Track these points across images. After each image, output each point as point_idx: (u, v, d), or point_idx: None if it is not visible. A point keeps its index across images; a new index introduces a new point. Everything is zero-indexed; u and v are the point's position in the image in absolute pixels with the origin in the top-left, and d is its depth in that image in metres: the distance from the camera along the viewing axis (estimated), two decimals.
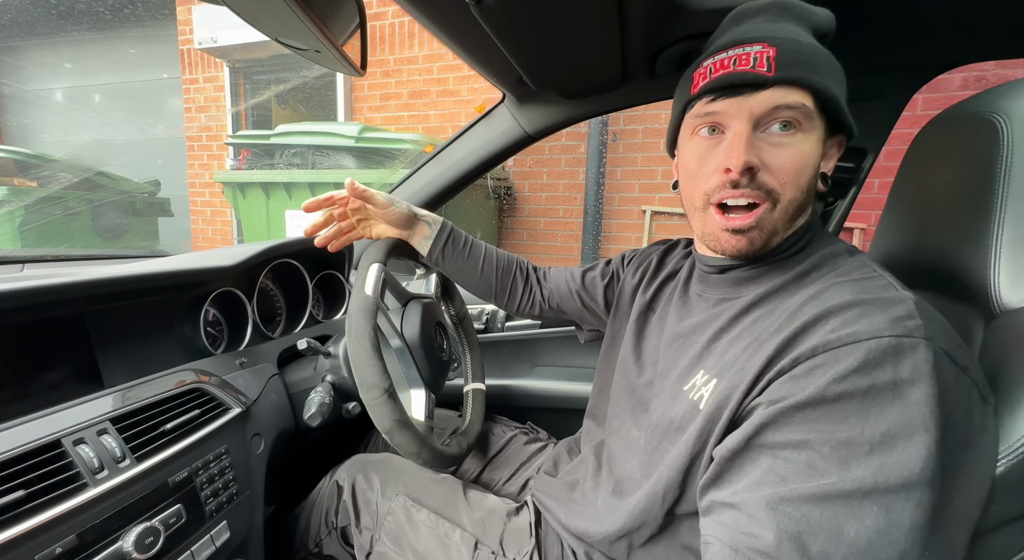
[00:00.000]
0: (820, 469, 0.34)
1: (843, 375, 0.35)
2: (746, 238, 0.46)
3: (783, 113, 0.42)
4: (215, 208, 4.27)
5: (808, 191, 0.45)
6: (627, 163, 3.00)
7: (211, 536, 0.57)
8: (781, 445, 0.36)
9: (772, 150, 0.43)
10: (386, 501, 0.70)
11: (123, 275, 0.61)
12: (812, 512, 0.33)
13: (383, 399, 0.56)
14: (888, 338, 0.35)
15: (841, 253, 0.46)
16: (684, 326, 0.55)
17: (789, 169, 0.43)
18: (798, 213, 0.46)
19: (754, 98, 0.43)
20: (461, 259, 0.77)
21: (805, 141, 0.43)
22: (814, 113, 0.43)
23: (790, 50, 0.42)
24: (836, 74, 0.44)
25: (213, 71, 4.06)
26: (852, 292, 0.40)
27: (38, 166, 3.23)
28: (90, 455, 0.48)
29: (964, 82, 2.25)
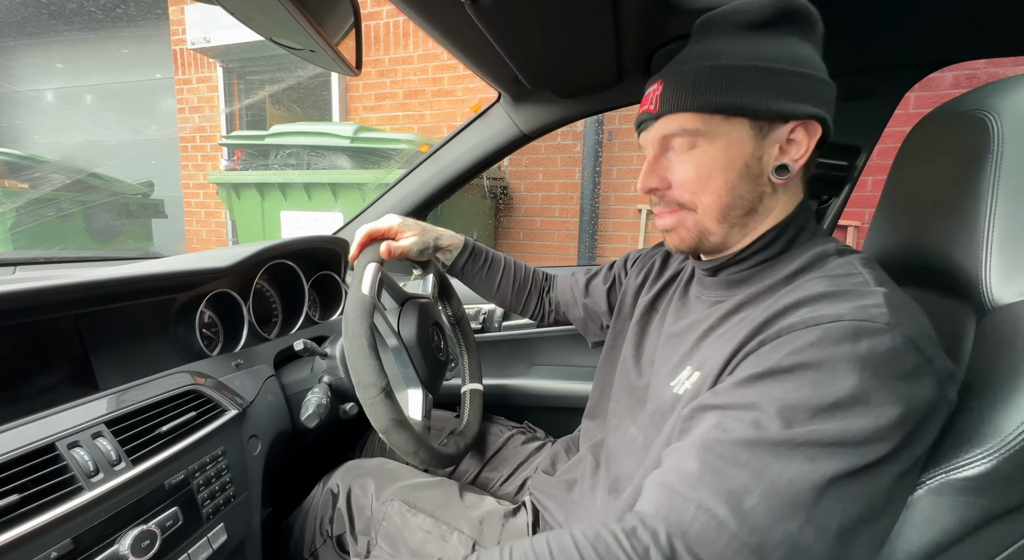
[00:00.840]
0: (762, 425, 0.36)
1: (800, 349, 0.37)
2: (676, 236, 0.53)
3: (672, 140, 0.50)
4: (209, 209, 4.24)
5: (732, 192, 0.48)
6: (623, 162, 3.00)
7: (208, 538, 0.57)
8: (732, 405, 0.39)
9: (676, 168, 0.50)
10: (381, 506, 0.70)
11: (117, 277, 0.61)
12: (742, 454, 0.36)
13: (380, 398, 0.56)
14: (849, 321, 0.37)
15: (830, 254, 0.47)
16: (679, 326, 0.57)
17: (693, 180, 0.49)
18: (730, 212, 0.49)
19: (651, 131, 0.51)
20: (480, 276, 0.83)
21: (706, 153, 0.48)
22: (705, 128, 0.47)
23: (671, 85, 0.49)
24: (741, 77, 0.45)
25: (207, 71, 4.04)
26: (826, 286, 0.42)
27: (29, 167, 3.20)
28: (85, 458, 0.48)
29: (955, 80, 2.27)
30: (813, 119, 0.46)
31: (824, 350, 0.36)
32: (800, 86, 0.46)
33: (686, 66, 0.48)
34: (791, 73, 0.45)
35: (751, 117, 0.46)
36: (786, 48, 0.46)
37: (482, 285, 0.84)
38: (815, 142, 0.47)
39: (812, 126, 0.47)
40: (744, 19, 0.47)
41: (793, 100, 0.45)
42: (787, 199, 0.50)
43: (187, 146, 4.22)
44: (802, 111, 0.46)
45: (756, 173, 0.48)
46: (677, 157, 0.50)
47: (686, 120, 0.48)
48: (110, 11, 4.52)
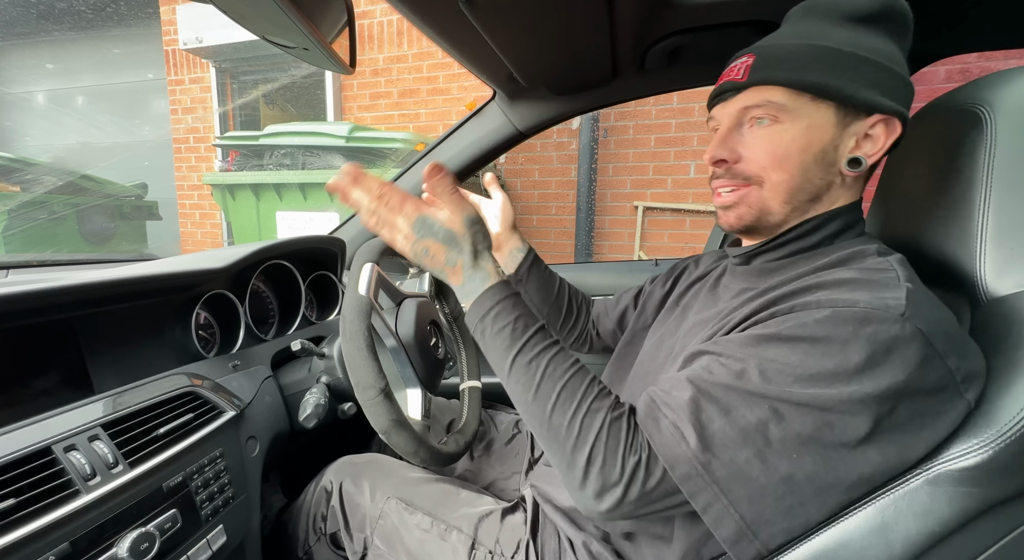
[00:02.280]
0: (745, 376, 0.39)
1: (804, 323, 0.39)
2: (734, 214, 0.51)
3: (753, 111, 0.48)
4: (204, 211, 4.21)
5: (803, 174, 0.47)
6: (619, 159, 3.01)
7: (207, 540, 0.57)
8: (725, 355, 0.42)
9: (750, 142, 0.49)
10: (376, 505, 0.70)
11: (111, 279, 0.60)
12: (717, 391, 0.40)
13: (379, 399, 0.56)
14: (862, 308, 0.37)
15: (871, 253, 0.46)
16: (704, 315, 0.56)
17: (766, 155, 0.48)
18: (798, 194, 0.48)
19: (733, 101, 0.50)
20: (543, 278, 0.83)
21: (786, 130, 0.47)
22: (791, 105, 0.46)
23: (765, 56, 0.48)
24: (835, 60, 0.45)
25: (199, 72, 4.01)
26: (852, 273, 0.42)
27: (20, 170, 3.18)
28: (82, 461, 0.47)
29: (948, 75, 2.28)
30: (897, 116, 0.46)
31: (827, 328, 0.38)
32: (891, 82, 0.45)
33: (785, 42, 0.48)
34: (886, 67, 0.45)
35: (839, 102, 0.45)
36: (883, 44, 0.46)
37: (542, 293, 0.82)
38: (892, 140, 0.46)
39: (893, 123, 0.46)
40: (848, 9, 0.47)
41: (883, 93, 0.45)
42: (849, 193, 0.49)
43: (180, 147, 4.19)
44: (890, 106, 0.45)
45: (831, 161, 0.47)
46: (754, 131, 0.49)
47: (774, 93, 0.47)
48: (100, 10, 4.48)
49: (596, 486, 0.41)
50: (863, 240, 0.49)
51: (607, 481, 0.41)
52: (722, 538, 0.39)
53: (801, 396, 0.37)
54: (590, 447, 0.42)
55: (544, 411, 0.45)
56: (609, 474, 0.41)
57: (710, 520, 0.39)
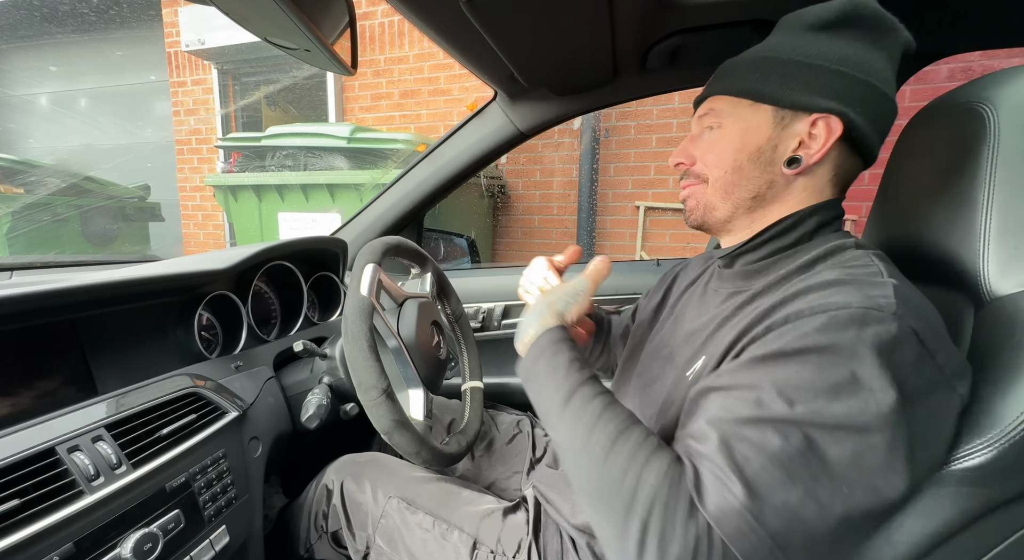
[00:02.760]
0: (764, 404, 0.37)
1: (805, 334, 0.38)
2: (686, 208, 0.57)
3: (705, 119, 0.54)
4: (206, 212, 4.23)
5: (737, 171, 0.51)
6: (620, 159, 3.00)
7: (210, 541, 0.57)
8: (736, 386, 0.40)
9: (700, 145, 0.55)
10: (378, 504, 0.70)
11: (114, 280, 0.61)
12: (745, 428, 0.37)
13: (381, 400, 0.56)
14: (856, 309, 0.37)
15: (849, 247, 0.47)
16: (698, 322, 0.56)
17: (707, 155, 0.53)
18: (734, 190, 0.51)
19: (698, 110, 0.56)
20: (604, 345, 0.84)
21: (726, 132, 0.52)
22: (729, 110, 0.51)
23: (720, 70, 0.54)
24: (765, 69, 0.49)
25: (201, 73, 4.02)
26: (837, 273, 0.42)
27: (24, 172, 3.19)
28: (85, 462, 0.48)
29: (951, 73, 2.27)
30: (832, 113, 0.46)
31: (830, 335, 0.37)
32: (832, 83, 0.46)
33: (743, 57, 0.53)
34: (824, 69, 0.46)
35: (773, 105, 0.49)
36: (833, 47, 0.47)
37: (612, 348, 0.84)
38: (834, 139, 0.47)
39: (832, 121, 0.46)
40: (808, 19, 0.49)
41: (817, 94, 0.46)
42: (804, 194, 0.50)
43: (183, 149, 4.21)
44: (821, 105, 0.46)
45: (768, 160, 0.49)
46: (705, 136, 0.54)
47: (717, 102, 0.53)
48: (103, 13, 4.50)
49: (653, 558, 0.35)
50: (840, 236, 0.49)
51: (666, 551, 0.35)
52: None
53: (832, 415, 0.35)
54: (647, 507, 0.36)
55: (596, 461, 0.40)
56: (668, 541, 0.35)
57: None
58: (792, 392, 0.36)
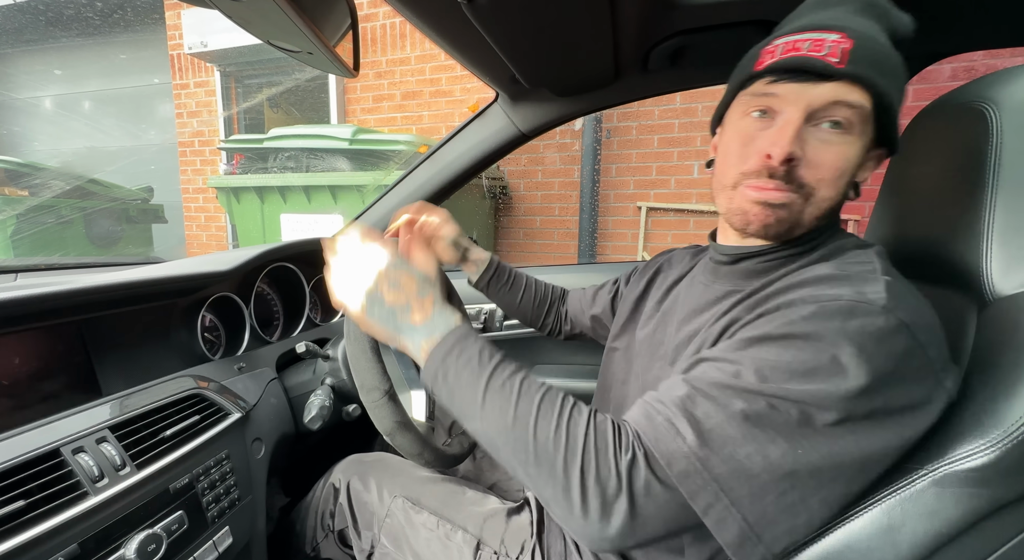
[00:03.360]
0: (740, 376, 0.38)
1: (792, 320, 0.38)
2: (775, 214, 0.45)
3: (840, 110, 0.41)
4: (209, 214, 4.24)
5: (841, 194, 0.45)
6: (622, 160, 3.00)
7: (214, 542, 0.57)
8: (720, 359, 0.41)
9: (818, 145, 0.42)
10: (383, 503, 0.70)
11: (118, 282, 0.61)
12: (713, 390, 0.38)
13: (383, 401, 0.56)
14: (846, 301, 0.37)
15: (850, 247, 0.46)
16: (694, 325, 0.55)
17: (830, 168, 0.42)
18: (827, 213, 0.46)
19: (817, 88, 0.41)
20: (504, 291, 0.85)
21: (852, 144, 0.42)
22: (870, 117, 0.41)
23: (867, 46, 0.40)
24: (900, 83, 0.42)
25: (204, 76, 4.04)
26: (832, 268, 0.42)
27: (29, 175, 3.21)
28: (90, 463, 0.48)
29: (953, 73, 2.26)
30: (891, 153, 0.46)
31: (815, 324, 0.37)
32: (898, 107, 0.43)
33: (875, 32, 0.41)
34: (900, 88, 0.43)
35: (882, 124, 0.42)
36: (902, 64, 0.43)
37: (505, 299, 0.86)
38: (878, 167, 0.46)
39: (883, 158, 0.46)
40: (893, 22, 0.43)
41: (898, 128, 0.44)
42: None
43: (186, 151, 4.22)
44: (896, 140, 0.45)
45: (850, 184, 0.45)
46: (824, 135, 0.42)
47: (866, 98, 0.40)
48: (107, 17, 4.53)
49: (597, 503, 0.37)
50: (840, 235, 0.49)
51: (606, 491, 0.37)
52: (725, 543, 0.37)
53: (799, 393, 0.36)
54: (581, 454, 0.38)
55: (527, 429, 0.41)
56: (606, 480, 0.38)
57: (711, 523, 0.37)
58: (768, 371, 0.38)
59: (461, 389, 0.44)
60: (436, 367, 0.45)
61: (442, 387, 0.45)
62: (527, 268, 1.27)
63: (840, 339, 0.36)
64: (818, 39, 0.41)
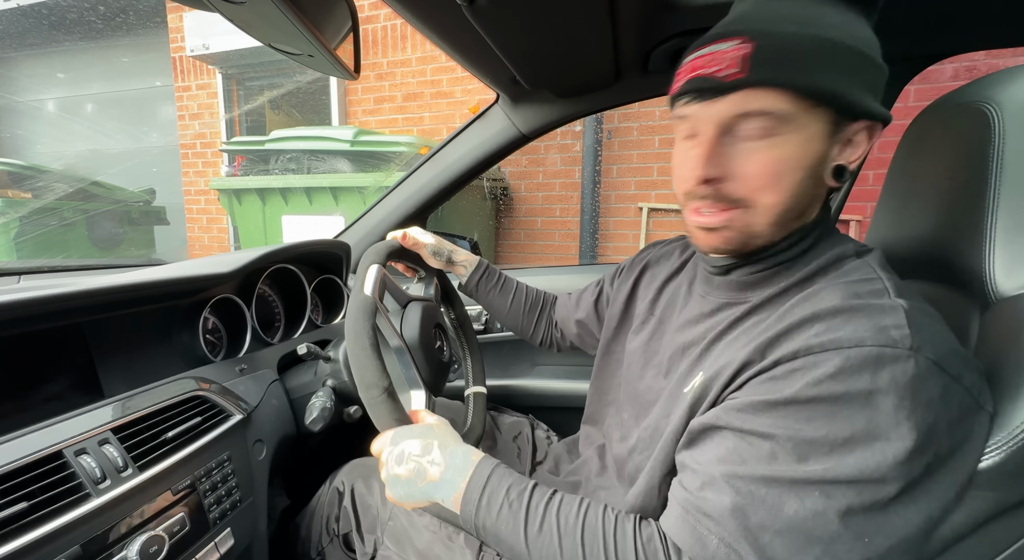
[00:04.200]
0: (779, 458, 0.36)
1: (819, 380, 0.35)
2: (719, 236, 0.45)
3: (750, 120, 0.40)
4: (211, 215, 4.26)
5: (796, 194, 0.42)
6: (623, 161, 3.00)
7: (215, 543, 0.57)
8: (749, 432, 0.38)
9: (743, 157, 0.41)
10: (386, 506, 0.70)
11: (121, 284, 0.61)
12: (759, 490, 0.36)
13: (382, 398, 0.56)
14: (870, 347, 0.35)
15: (849, 255, 0.44)
16: (688, 335, 0.54)
17: (759, 177, 0.41)
18: (788, 217, 0.43)
19: (720, 103, 0.40)
20: (493, 294, 0.85)
21: (784, 145, 0.40)
22: (793, 114, 0.39)
23: (770, 46, 0.38)
24: (841, 60, 0.39)
25: (206, 78, 4.06)
26: (842, 297, 0.39)
27: (32, 177, 3.22)
28: (92, 465, 0.48)
29: (955, 73, 2.26)
30: (887, 123, 0.42)
31: (844, 382, 0.35)
32: (880, 80, 0.41)
33: (784, 26, 0.39)
34: (876, 63, 0.40)
35: (837, 109, 0.40)
36: (866, 29, 0.40)
37: (495, 303, 0.86)
38: (872, 146, 0.42)
39: (876, 128, 0.42)
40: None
41: (876, 96, 0.41)
42: (820, 204, 0.46)
43: (188, 153, 4.24)
44: (879, 112, 0.41)
45: (819, 174, 0.42)
46: (746, 144, 0.41)
47: (777, 99, 0.38)
48: (109, 20, 4.55)
49: None
50: (836, 239, 0.47)
51: None
52: None
53: (847, 470, 0.34)
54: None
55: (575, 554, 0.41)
56: None
57: None
58: (806, 447, 0.35)
59: (502, 539, 0.44)
60: (471, 520, 0.45)
61: (485, 536, 0.45)
62: (527, 269, 1.27)
63: (873, 399, 0.34)
64: (714, 53, 0.40)
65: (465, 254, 0.85)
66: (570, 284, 1.17)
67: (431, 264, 0.83)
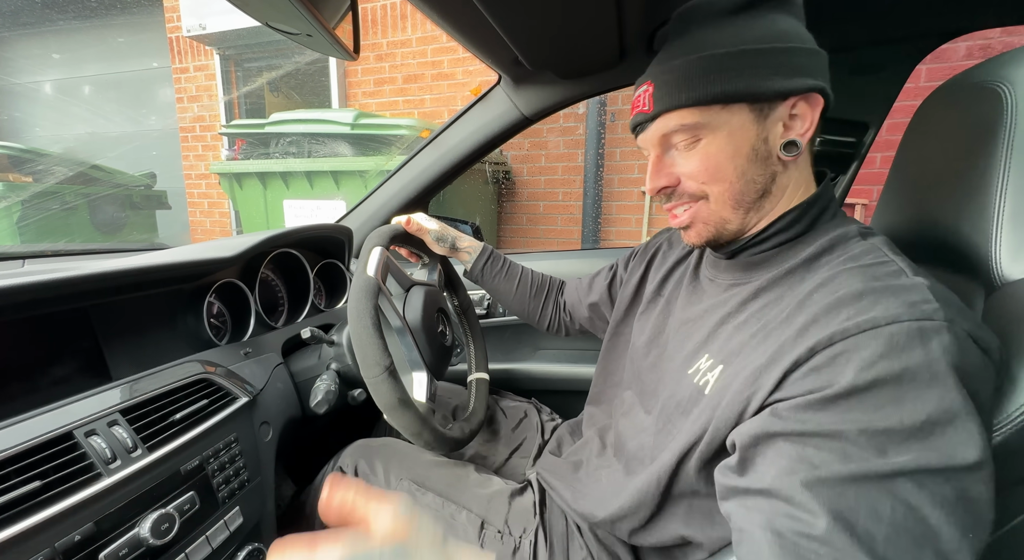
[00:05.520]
0: (854, 456, 0.33)
1: (871, 362, 0.33)
2: (693, 232, 0.52)
3: (673, 137, 0.49)
4: (212, 200, 4.24)
5: (744, 177, 0.47)
6: (626, 143, 2.97)
7: (225, 521, 0.59)
8: (811, 434, 0.35)
9: (684, 160, 0.49)
10: (390, 485, 0.71)
11: (125, 268, 0.61)
12: (847, 492, 0.32)
13: (384, 377, 0.56)
14: (909, 322, 0.34)
15: (853, 236, 0.45)
16: (693, 311, 0.56)
17: (701, 171, 0.48)
18: (744, 197, 0.48)
19: (649, 132, 0.51)
20: (498, 279, 0.86)
21: (710, 144, 0.47)
22: (705, 120, 0.46)
23: (662, 82, 0.48)
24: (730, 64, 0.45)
25: (203, 59, 3.99)
26: (862, 280, 0.39)
27: (32, 161, 3.21)
28: (102, 446, 0.49)
29: (969, 51, 2.20)
30: (813, 91, 0.45)
31: (899, 360, 0.33)
32: (793, 61, 0.45)
33: (674, 61, 0.48)
34: (781, 50, 0.45)
35: (750, 101, 0.45)
36: (771, 26, 0.46)
37: (500, 288, 0.86)
38: (819, 113, 0.46)
39: (813, 98, 0.46)
40: (723, 5, 0.47)
41: (789, 76, 0.45)
42: (799, 175, 0.49)
43: (187, 136, 4.20)
44: (801, 85, 0.45)
45: (764, 155, 0.47)
46: (681, 153, 0.50)
47: (684, 116, 0.47)
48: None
49: None
50: (840, 220, 0.49)
51: None
52: None
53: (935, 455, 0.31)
54: None
55: None
56: None
57: None
58: (882, 438, 0.32)
59: None
60: None
61: None
62: (529, 253, 1.26)
63: (935, 371, 0.32)
64: (638, 95, 0.51)
65: (469, 240, 0.85)
66: (572, 269, 1.17)
67: (435, 250, 0.83)
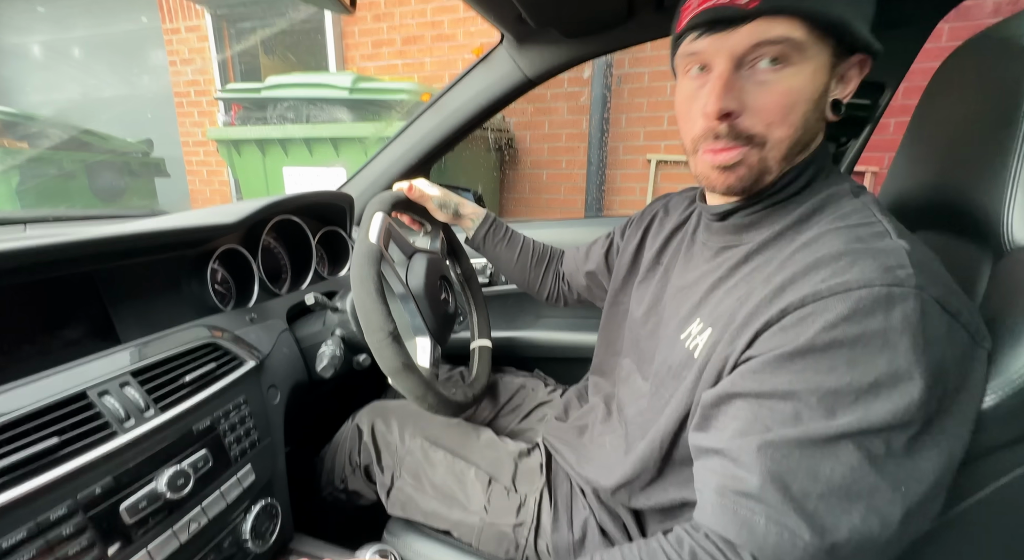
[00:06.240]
0: (805, 417, 0.35)
1: (833, 323, 0.35)
2: (734, 174, 0.45)
3: (766, 49, 0.40)
4: (211, 168, 4.19)
5: (804, 127, 0.42)
6: (632, 109, 2.88)
7: (238, 478, 0.61)
8: (767, 394, 0.37)
9: (756, 90, 0.41)
10: (404, 443, 0.74)
11: (128, 233, 0.61)
12: (792, 454, 0.35)
13: (387, 341, 0.57)
14: (879, 287, 0.34)
15: (845, 194, 0.44)
16: (688, 277, 0.56)
17: (774, 109, 0.41)
18: (795, 150, 0.44)
19: (734, 35, 0.40)
20: (500, 248, 0.85)
21: (796, 75, 0.40)
22: (807, 43, 0.39)
23: None
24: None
25: (195, 19, 3.84)
26: (844, 241, 0.39)
27: (24, 124, 3.15)
28: (116, 405, 0.50)
29: (996, 7, 2.10)
30: (875, 57, 0.42)
31: (859, 324, 0.34)
32: (871, 14, 0.41)
33: None
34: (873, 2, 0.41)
35: (839, 40, 0.40)
36: None
37: (502, 257, 0.86)
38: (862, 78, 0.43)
39: (867, 63, 0.43)
40: None
41: (870, 29, 0.41)
42: (821, 136, 0.46)
43: (182, 102, 4.10)
44: (875, 45, 0.41)
45: (822, 108, 0.43)
46: (761, 76, 0.41)
47: (794, 27, 0.38)
48: None
49: None
50: (833, 179, 0.46)
51: None
52: None
53: (878, 416, 0.33)
54: None
55: None
56: None
57: None
58: (832, 399, 0.34)
59: None
60: None
61: None
62: (533, 222, 1.25)
63: (889, 338, 0.33)
64: None
65: (472, 207, 0.84)
66: (575, 238, 1.16)
67: (437, 217, 0.82)
